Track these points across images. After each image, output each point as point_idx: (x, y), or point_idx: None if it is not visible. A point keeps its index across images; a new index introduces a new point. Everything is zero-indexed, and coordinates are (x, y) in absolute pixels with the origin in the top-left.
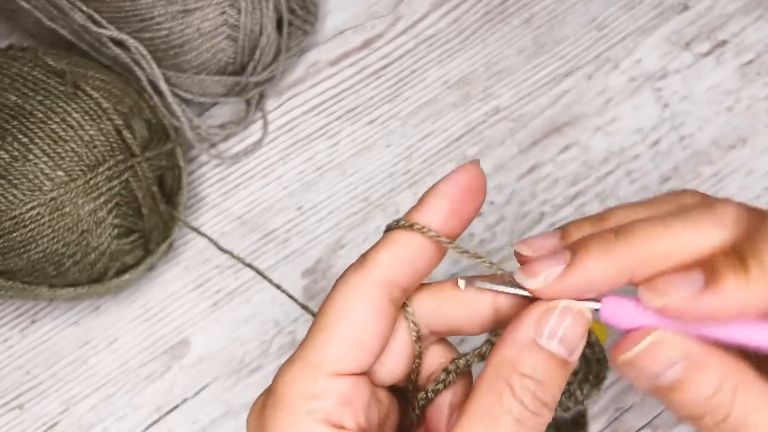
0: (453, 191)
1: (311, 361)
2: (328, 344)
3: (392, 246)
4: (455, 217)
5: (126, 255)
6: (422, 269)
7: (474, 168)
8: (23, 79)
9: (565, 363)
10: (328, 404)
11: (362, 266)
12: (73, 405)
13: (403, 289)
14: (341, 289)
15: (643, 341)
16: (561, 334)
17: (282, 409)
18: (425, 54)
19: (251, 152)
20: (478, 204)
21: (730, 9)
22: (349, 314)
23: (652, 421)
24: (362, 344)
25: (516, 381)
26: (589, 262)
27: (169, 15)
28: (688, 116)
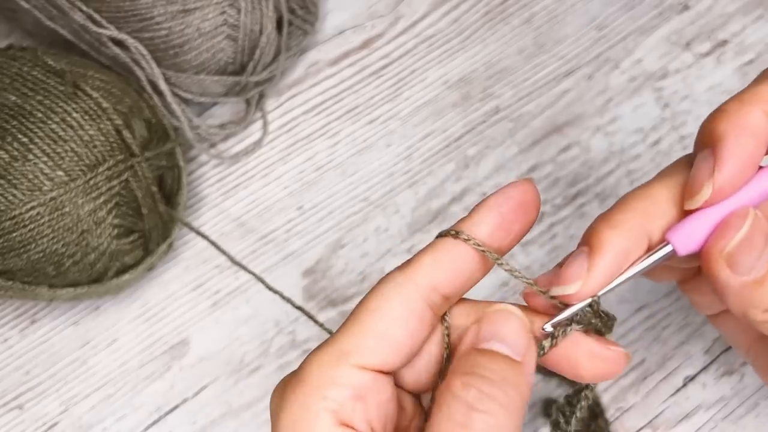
0: (504, 205)
1: (340, 348)
2: (359, 335)
3: (437, 251)
4: (504, 231)
5: (126, 255)
6: (465, 279)
7: (528, 184)
8: (23, 79)
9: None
10: (343, 395)
11: (406, 267)
12: (73, 405)
13: (444, 295)
14: (382, 287)
15: (749, 216)
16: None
17: (301, 387)
18: (425, 54)
19: (251, 152)
20: (529, 221)
21: (730, 9)
22: (385, 310)
23: (652, 421)
24: (393, 341)
25: (463, 379)
26: (605, 240)
27: (168, 15)
28: (688, 116)
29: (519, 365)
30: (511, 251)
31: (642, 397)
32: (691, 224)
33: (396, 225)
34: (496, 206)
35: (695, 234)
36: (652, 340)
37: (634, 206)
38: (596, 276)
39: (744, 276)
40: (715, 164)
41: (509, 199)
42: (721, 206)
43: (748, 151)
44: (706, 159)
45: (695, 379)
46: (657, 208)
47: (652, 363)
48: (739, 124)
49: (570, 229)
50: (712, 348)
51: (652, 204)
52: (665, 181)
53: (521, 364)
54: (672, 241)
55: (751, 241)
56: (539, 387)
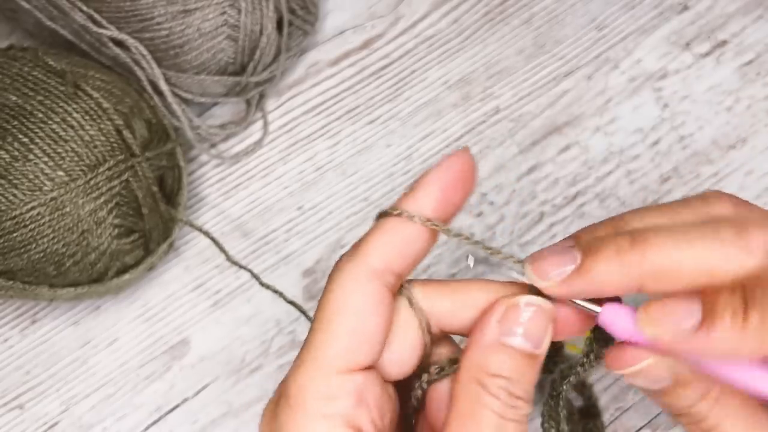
0: (443, 179)
1: (321, 359)
2: (335, 339)
3: (383, 233)
4: (445, 203)
5: (126, 255)
6: (414, 254)
7: (463, 155)
8: (23, 79)
9: (532, 356)
10: (345, 405)
11: (356, 255)
12: (73, 405)
13: (398, 274)
14: (337, 281)
15: (636, 365)
16: (524, 330)
17: (297, 412)
18: (425, 54)
19: (251, 152)
20: (467, 191)
21: (730, 9)
22: (349, 306)
23: (652, 421)
24: (367, 334)
25: (488, 381)
26: (600, 265)
27: (169, 15)
28: (688, 116)
29: (536, 358)
30: (511, 251)
31: (642, 397)
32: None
33: None
34: (437, 180)
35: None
36: None
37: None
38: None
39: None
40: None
41: (449, 172)
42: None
43: None
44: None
45: None
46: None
47: None
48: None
49: (570, 228)
50: None
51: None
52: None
53: (539, 357)
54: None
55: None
56: None
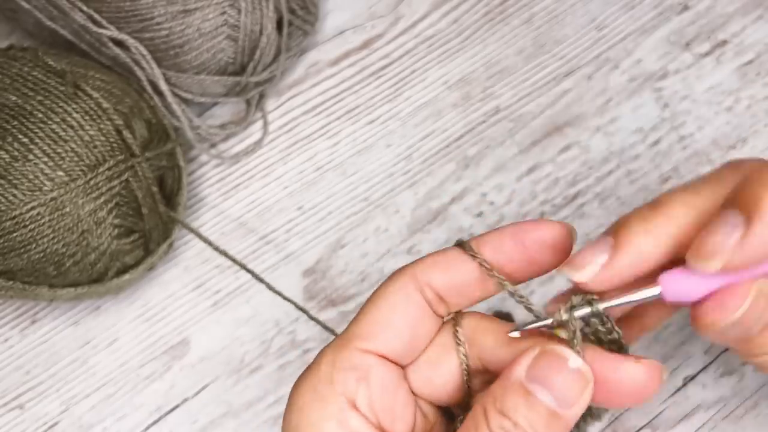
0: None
1: (345, 336)
2: (362, 322)
3: (441, 254)
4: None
5: (126, 255)
6: (463, 288)
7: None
8: (23, 79)
9: (553, 414)
10: (348, 377)
11: (410, 264)
12: (73, 405)
13: (438, 294)
14: (387, 279)
15: (748, 297)
16: (554, 383)
17: (311, 375)
18: (425, 54)
19: (251, 152)
20: (552, 264)
21: (730, 9)
22: (384, 298)
23: (652, 421)
24: (391, 326)
25: (493, 416)
26: (633, 240)
27: (169, 15)
28: (688, 116)
29: (558, 418)
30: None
31: None
32: (689, 279)
33: (396, 225)
34: (523, 237)
35: (690, 289)
36: (652, 340)
37: (675, 213)
38: (611, 273)
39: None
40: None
41: (539, 236)
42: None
43: None
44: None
45: (695, 379)
46: (698, 219)
47: None
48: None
49: None
50: (711, 348)
51: (693, 215)
52: (715, 189)
53: (561, 417)
54: (663, 287)
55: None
56: None
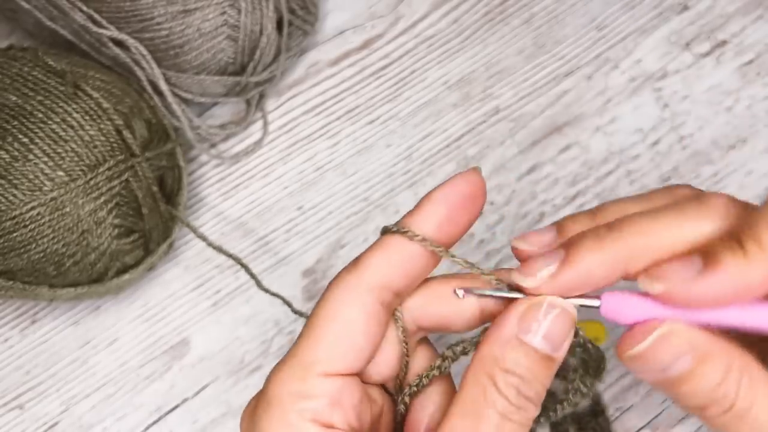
0: (450, 198)
1: (302, 361)
2: (319, 345)
3: (386, 250)
4: (451, 224)
5: (126, 255)
6: (415, 274)
7: (473, 175)
8: (23, 79)
9: (549, 359)
10: (319, 404)
11: (355, 269)
12: (73, 405)
13: (396, 293)
14: (334, 291)
15: (652, 335)
16: (545, 330)
17: (273, 409)
18: (425, 54)
19: (251, 152)
20: (475, 212)
21: (730, 9)
22: (341, 316)
23: (652, 421)
24: (353, 346)
25: (500, 376)
26: (583, 257)
27: (169, 15)
28: (688, 116)
29: (553, 361)
30: (509, 251)
31: (641, 397)
32: (627, 303)
33: None
34: (443, 199)
35: (624, 313)
36: None
37: (629, 238)
38: (555, 285)
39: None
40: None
41: (455, 191)
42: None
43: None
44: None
45: None
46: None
47: None
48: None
49: None
50: None
51: (647, 242)
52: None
53: (555, 360)
54: (603, 303)
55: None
56: None
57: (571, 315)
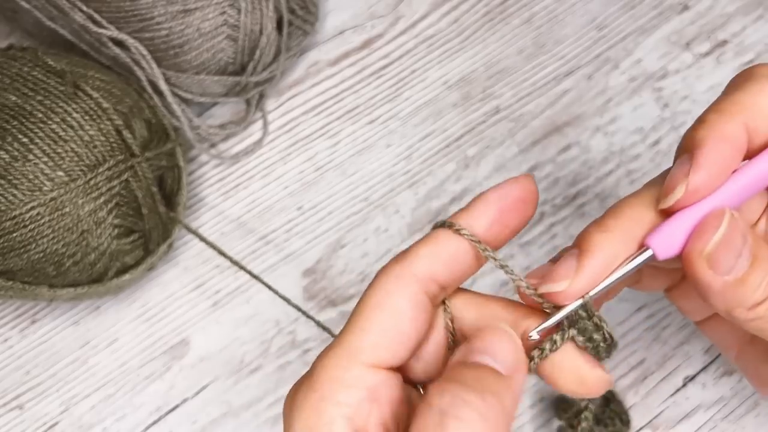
0: (503, 200)
1: (350, 347)
2: (367, 332)
3: (434, 243)
4: (500, 226)
5: (126, 255)
6: (461, 270)
7: (527, 181)
8: (23, 79)
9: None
10: (357, 397)
11: (404, 259)
12: (73, 405)
13: (441, 286)
14: (382, 280)
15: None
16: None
17: (313, 392)
18: (425, 54)
19: (251, 152)
20: (526, 217)
21: (730, 9)
22: (389, 304)
23: (652, 421)
24: (400, 335)
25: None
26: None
27: (169, 15)
28: (688, 116)
29: (504, 378)
30: (510, 251)
31: (642, 397)
32: (669, 227)
33: (396, 225)
34: (495, 201)
35: (674, 237)
36: (652, 340)
37: (624, 212)
38: (584, 276)
39: (725, 275)
40: (690, 167)
41: (508, 194)
42: (698, 208)
43: (724, 155)
44: (683, 163)
45: (695, 379)
46: (646, 214)
47: (652, 363)
48: (717, 132)
49: (570, 229)
50: (711, 348)
51: (641, 210)
52: (655, 188)
53: (507, 378)
54: (651, 245)
55: (729, 241)
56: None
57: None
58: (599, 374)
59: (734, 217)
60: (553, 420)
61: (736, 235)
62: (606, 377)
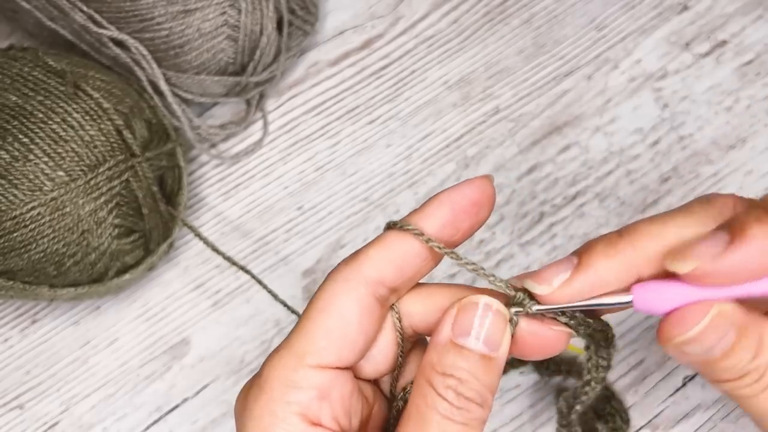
0: (457, 201)
1: (295, 351)
2: (313, 335)
3: (385, 245)
4: (454, 227)
5: (126, 255)
6: (413, 272)
7: (484, 182)
8: (24, 80)
9: (487, 359)
10: (307, 396)
11: (353, 261)
12: (74, 405)
13: (392, 289)
14: (330, 282)
15: (705, 318)
16: (479, 330)
17: (263, 394)
18: (425, 54)
19: (251, 152)
20: (480, 220)
21: (730, 9)
22: (336, 307)
23: (652, 420)
24: (346, 338)
25: (437, 380)
26: (596, 263)
27: (169, 15)
28: (688, 116)
29: (492, 361)
30: (510, 251)
31: (641, 397)
32: (660, 292)
33: None
34: (449, 202)
35: (659, 302)
36: (652, 339)
37: (640, 242)
38: (570, 290)
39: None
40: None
41: (463, 196)
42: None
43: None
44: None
45: (694, 379)
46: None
47: (651, 363)
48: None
49: (569, 229)
50: None
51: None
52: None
53: (495, 360)
54: (635, 297)
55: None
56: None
57: (504, 314)
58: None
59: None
60: (553, 419)
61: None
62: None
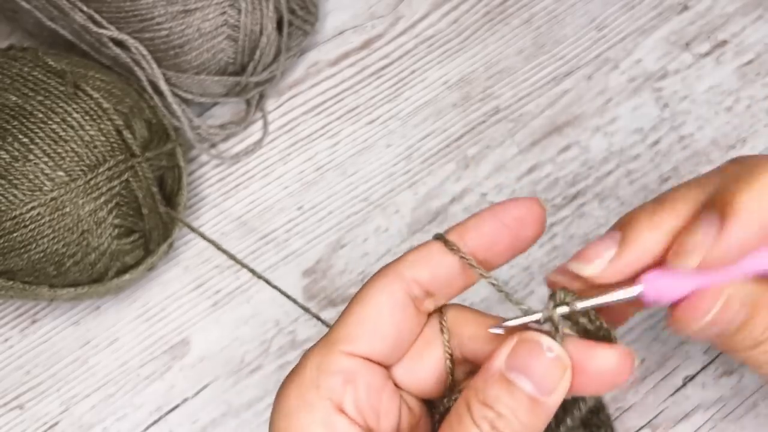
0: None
1: (331, 338)
2: (346, 323)
3: (425, 252)
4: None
5: (126, 255)
6: (447, 278)
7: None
8: (23, 80)
9: (535, 401)
10: (334, 381)
11: (393, 261)
12: (74, 405)
13: (426, 290)
14: (371, 279)
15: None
16: (533, 371)
17: (296, 380)
18: (425, 54)
19: (251, 152)
20: (525, 237)
21: (730, 9)
22: (369, 299)
23: (652, 420)
24: (377, 329)
25: (476, 407)
26: (641, 235)
27: (169, 15)
28: (688, 116)
29: (540, 405)
30: None
31: (641, 397)
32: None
33: (396, 225)
34: (492, 220)
35: (669, 290)
36: (652, 339)
37: (680, 208)
38: (620, 266)
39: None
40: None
41: (508, 212)
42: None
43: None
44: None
45: (694, 379)
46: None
47: (651, 363)
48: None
49: (570, 229)
50: (711, 348)
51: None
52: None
53: (543, 404)
54: (645, 287)
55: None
56: None
57: (565, 365)
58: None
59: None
60: None
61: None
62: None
